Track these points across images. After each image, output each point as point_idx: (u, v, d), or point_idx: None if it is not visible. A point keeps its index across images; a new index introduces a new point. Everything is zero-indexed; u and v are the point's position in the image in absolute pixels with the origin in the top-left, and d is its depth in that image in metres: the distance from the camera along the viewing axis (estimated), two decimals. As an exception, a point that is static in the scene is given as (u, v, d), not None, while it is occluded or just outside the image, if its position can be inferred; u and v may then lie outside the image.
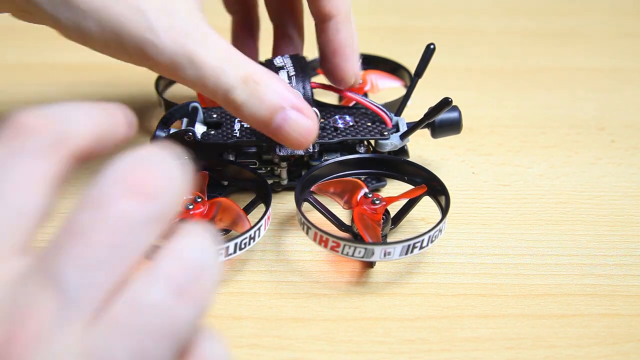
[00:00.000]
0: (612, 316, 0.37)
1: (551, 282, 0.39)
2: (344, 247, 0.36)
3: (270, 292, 0.38)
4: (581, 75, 0.60)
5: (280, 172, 0.44)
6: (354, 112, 0.45)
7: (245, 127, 0.43)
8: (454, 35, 0.64)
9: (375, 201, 0.40)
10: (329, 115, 0.45)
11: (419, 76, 0.45)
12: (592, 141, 0.51)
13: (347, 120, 0.44)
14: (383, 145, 0.43)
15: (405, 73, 0.51)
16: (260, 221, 0.38)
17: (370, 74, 0.51)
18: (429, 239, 0.37)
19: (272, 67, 0.42)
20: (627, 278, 0.39)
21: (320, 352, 0.35)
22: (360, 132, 0.43)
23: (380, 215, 0.39)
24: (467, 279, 0.39)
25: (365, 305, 0.38)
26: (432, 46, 0.44)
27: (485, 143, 0.50)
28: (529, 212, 0.44)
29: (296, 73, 0.41)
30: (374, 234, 0.38)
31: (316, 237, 0.37)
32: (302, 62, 0.42)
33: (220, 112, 0.45)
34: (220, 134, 0.43)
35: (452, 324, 0.36)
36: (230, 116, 0.45)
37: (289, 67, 0.42)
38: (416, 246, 0.37)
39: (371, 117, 0.45)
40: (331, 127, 0.44)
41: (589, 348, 0.35)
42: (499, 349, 0.35)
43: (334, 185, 0.41)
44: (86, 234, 0.20)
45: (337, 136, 0.43)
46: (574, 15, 0.70)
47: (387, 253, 0.36)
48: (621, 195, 0.46)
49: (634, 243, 0.42)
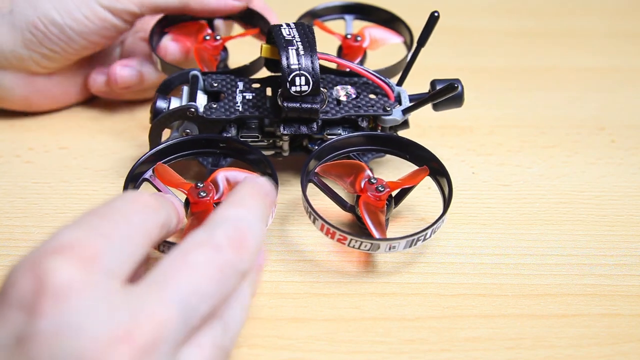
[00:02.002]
0: (612, 316, 0.37)
1: (551, 282, 0.39)
2: (351, 241, 0.37)
3: (270, 292, 0.38)
4: (581, 75, 0.60)
5: (282, 145, 0.44)
6: (356, 82, 0.45)
7: (247, 100, 0.43)
8: (454, 35, 0.64)
9: (380, 188, 0.40)
10: (331, 85, 0.44)
11: (421, 45, 0.44)
12: (592, 141, 0.51)
13: (349, 93, 0.44)
14: (386, 120, 0.43)
15: (404, 28, 0.50)
16: None
17: (368, 28, 0.50)
18: (432, 232, 0.38)
19: (280, 39, 0.41)
20: (627, 278, 0.39)
21: (320, 352, 0.35)
22: (362, 106, 0.43)
23: (384, 202, 0.40)
24: (467, 279, 0.39)
25: (365, 305, 0.37)
26: (435, 14, 0.44)
27: (485, 143, 0.50)
28: (529, 212, 0.44)
29: (305, 50, 0.40)
30: (377, 221, 0.38)
31: (323, 228, 0.38)
32: (309, 36, 0.41)
33: (220, 80, 0.45)
34: (223, 108, 0.43)
35: (452, 324, 0.36)
36: (231, 85, 0.44)
37: (298, 42, 0.41)
38: (420, 239, 0.37)
39: (373, 88, 0.44)
40: (334, 101, 0.43)
41: (589, 348, 0.35)
42: (499, 349, 0.35)
43: (337, 167, 0.42)
44: (202, 268, 0.26)
45: (340, 111, 0.43)
46: (574, 15, 0.70)
47: (392, 247, 0.37)
48: (621, 195, 0.46)
49: (634, 243, 0.42)
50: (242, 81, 0.45)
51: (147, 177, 0.41)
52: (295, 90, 0.40)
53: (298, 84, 0.40)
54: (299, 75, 0.40)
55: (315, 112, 0.41)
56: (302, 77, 0.40)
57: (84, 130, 0.50)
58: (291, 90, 0.40)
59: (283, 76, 0.40)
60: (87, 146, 0.49)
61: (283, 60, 0.40)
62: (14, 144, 0.49)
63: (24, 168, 0.47)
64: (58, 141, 0.49)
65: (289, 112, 0.41)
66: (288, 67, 0.40)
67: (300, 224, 0.43)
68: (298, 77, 0.40)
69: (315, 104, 0.41)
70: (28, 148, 0.48)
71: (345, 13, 0.52)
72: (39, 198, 0.44)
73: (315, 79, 0.40)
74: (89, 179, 0.46)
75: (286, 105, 0.40)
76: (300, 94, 0.40)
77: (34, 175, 0.46)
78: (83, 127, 0.51)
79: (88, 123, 0.51)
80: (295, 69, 0.40)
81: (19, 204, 0.43)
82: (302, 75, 0.40)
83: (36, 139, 0.49)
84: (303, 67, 0.40)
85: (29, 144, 0.49)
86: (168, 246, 0.35)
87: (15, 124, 0.50)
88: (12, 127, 0.50)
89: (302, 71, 0.40)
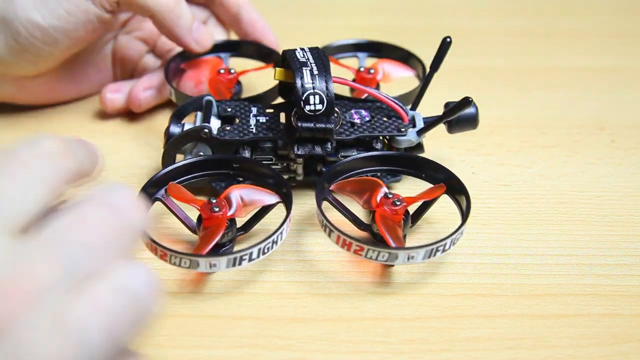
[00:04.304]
0: (612, 316, 0.37)
1: (551, 282, 0.39)
2: (368, 252, 0.36)
3: (270, 292, 0.38)
4: (581, 75, 0.60)
5: (296, 168, 0.44)
6: (370, 106, 0.45)
7: (261, 123, 0.43)
8: (454, 35, 0.64)
9: (396, 202, 0.39)
10: (345, 110, 0.44)
11: (435, 69, 0.45)
12: (592, 141, 0.51)
13: (363, 116, 0.44)
14: (400, 141, 0.43)
15: (417, 62, 0.51)
16: (282, 225, 0.37)
17: (381, 62, 0.51)
18: (452, 242, 0.37)
19: (295, 60, 0.41)
20: (627, 278, 0.39)
21: (320, 352, 0.35)
22: (377, 127, 0.43)
23: (401, 216, 0.39)
24: (467, 279, 0.39)
25: (365, 305, 0.38)
26: (448, 39, 0.44)
27: (485, 143, 0.50)
28: (529, 212, 0.44)
29: (319, 71, 0.40)
30: (395, 235, 0.38)
31: (339, 240, 0.37)
32: (323, 59, 0.42)
33: (234, 106, 0.45)
34: (236, 130, 0.43)
35: (452, 324, 0.36)
36: (245, 110, 0.44)
37: (312, 63, 0.41)
38: (439, 249, 0.37)
39: (387, 112, 0.45)
40: (348, 123, 0.43)
41: (589, 348, 0.35)
42: (499, 349, 0.35)
43: (353, 184, 0.41)
44: (90, 225, 0.25)
45: (354, 132, 0.43)
46: (574, 15, 0.70)
47: (410, 257, 0.36)
48: (621, 195, 0.46)
49: (634, 243, 0.42)
50: (256, 107, 0.45)
51: (159, 197, 0.40)
52: (309, 110, 0.40)
53: (312, 102, 0.40)
54: (313, 94, 0.40)
55: (330, 131, 0.41)
56: (316, 96, 0.40)
57: (84, 130, 0.50)
58: (305, 109, 0.40)
59: (297, 95, 0.40)
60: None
61: (297, 80, 0.40)
62: (14, 144, 0.48)
63: (24, 168, 0.47)
64: (58, 141, 0.49)
65: (303, 132, 0.41)
66: (302, 86, 0.40)
67: (302, 224, 0.43)
68: (312, 95, 0.40)
69: (329, 124, 0.41)
70: (28, 148, 0.48)
71: (359, 51, 0.53)
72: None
73: (330, 98, 0.40)
74: (89, 179, 0.46)
75: (300, 125, 0.40)
76: (314, 113, 0.40)
77: (34, 175, 0.46)
78: (83, 127, 0.51)
79: (88, 123, 0.51)
80: (309, 88, 0.40)
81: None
82: (316, 94, 0.40)
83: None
84: (317, 86, 0.40)
85: (29, 144, 0.49)
86: (179, 257, 0.35)
87: (15, 124, 0.50)
88: (12, 126, 0.50)
89: (316, 90, 0.40)
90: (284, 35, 0.53)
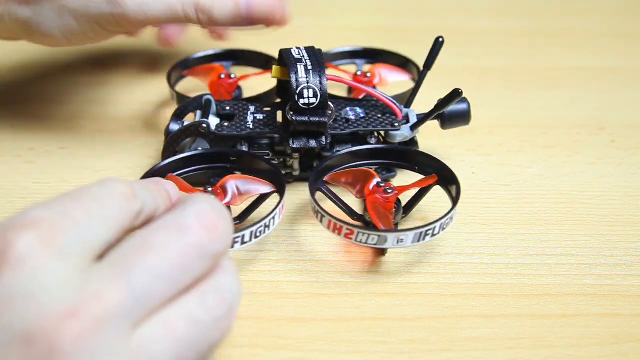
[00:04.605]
0: (612, 316, 0.37)
1: (551, 282, 0.39)
2: (358, 235, 0.37)
3: (270, 292, 0.38)
4: (581, 75, 0.60)
5: (293, 163, 0.45)
6: (365, 104, 0.46)
7: (258, 119, 0.44)
8: (454, 36, 0.64)
9: (388, 190, 0.40)
10: (340, 108, 0.45)
11: (428, 68, 0.46)
12: (592, 141, 0.51)
13: (358, 112, 0.45)
14: (394, 136, 0.44)
15: (413, 67, 0.51)
16: (275, 210, 0.38)
17: (378, 67, 0.52)
18: (441, 227, 0.38)
19: (290, 57, 0.42)
20: (627, 278, 0.39)
21: (320, 352, 0.35)
22: (371, 123, 0.44)
23: (392, 203, 0.40)
24: (467, 279, 0.39)
25: (365, 305, 0.38)
26: (440, 39, 0.45)
27: (485, 143, 0.50)
28: (529, 212, 0.44)
29: (313, 67, 0.42)
30: (386, 221, 0.39)
31: (330, 225, 0.38)
32: (318, 56, 0.43)
33: (232, 105, 0.46)
34: (234, 126, 0.43)
35: (452, 324, 0.36)
36: (243, 108, 0.45)
37: (306, 60, 0.42)
38: (428, 233, 0.37)
39: (381, 109, 0.45)
40: (342, 119, 0.44)
41: (589, 348, 0.35)
42: (499, 349, 0.35)
43: (346, 175, 0.42)
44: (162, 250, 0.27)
45: (349, 127, 0.44)
46: (574, 15, 0.70)
47: (399, 240, 0.37)
48: (621, 195, 0.46)
49: (634, 243, 0.42)
50: (254, 105, 0.46)
51: None
52: (303, 103, 0.41)
53: (306, 96, 0.41)
54: (307, 88, 0.41)
55: (324, 124, 0.42)
56: (310, 90, 0.41)
57: (84, 130, 0.50)
58: (299, 103, 0.41)
59: (291, 90, 0.41)
60: (88, 146, 0.49)
61: (292, 75, 0.41)
62: (14, 144, 0.49)
63: (24, 168, 0.47)
64: (58, 141, 0.49)
65: (297, 126, 0.42)
66: (296, 80, 0.41)
67: (301, 224, 0.43)
68: (306, 89, 0.41)
69: (323, 117, 0.41)
70: (28, 148, 0.48)
71: (356, 58, 0.54)
72: (40, 198, 0.44)
73: (323, 92, 0.41)
74: (90, 179, 0.46)
75: (295, 118, 0.41)
76: (308, 106, 0.41)
77: (35, 175, 0.46)
78: (83, 127, 0.51)
79: (88, 123, 0.51)
80: (303, 82, 0.41)
81: (19, 204, 0.43)
82: (310, 88, 0.41)
83: (36, 139, 0.49)
84: (311, 81, 0.41)
85: (29, 144, 0.49)
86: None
87: (15, 123, 0.50)
88: (12, 127, 0.50)
89: (310, 84, 0.41)
90: (284, 36, 0.53)
